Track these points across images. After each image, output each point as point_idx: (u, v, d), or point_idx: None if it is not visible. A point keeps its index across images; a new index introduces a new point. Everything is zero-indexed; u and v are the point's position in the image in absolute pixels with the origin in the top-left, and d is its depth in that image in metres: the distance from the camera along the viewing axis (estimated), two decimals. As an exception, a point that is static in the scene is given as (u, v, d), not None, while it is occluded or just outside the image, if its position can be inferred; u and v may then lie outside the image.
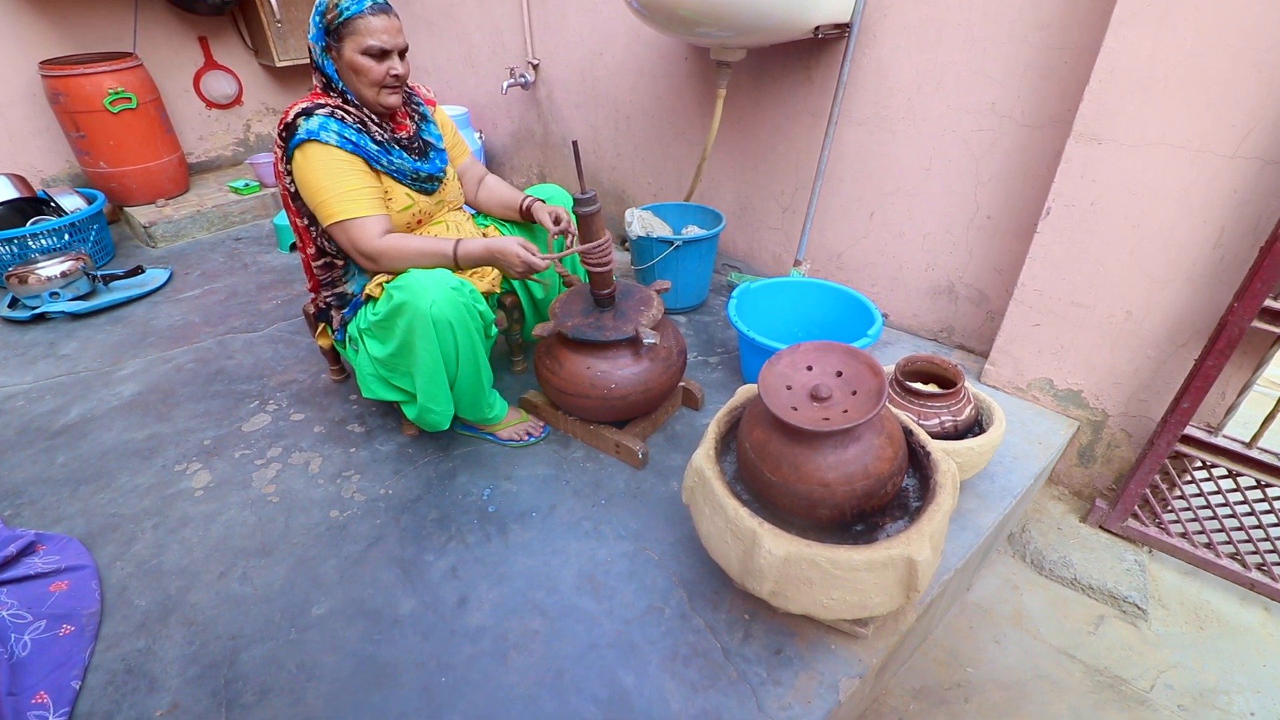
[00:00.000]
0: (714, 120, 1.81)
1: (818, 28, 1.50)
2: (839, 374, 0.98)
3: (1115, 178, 1.29)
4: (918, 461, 1.07)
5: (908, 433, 1.08)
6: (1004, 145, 1.50)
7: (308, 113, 1.21)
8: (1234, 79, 1.13)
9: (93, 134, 2.55)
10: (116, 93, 2.50)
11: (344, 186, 1.22)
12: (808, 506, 0.94)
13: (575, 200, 1.29)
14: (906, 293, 1.83)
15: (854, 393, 0.95)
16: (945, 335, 1.82)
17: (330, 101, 1.25)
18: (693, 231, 2.01)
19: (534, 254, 1.30)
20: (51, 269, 2.11)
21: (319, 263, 1.37)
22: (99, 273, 2.24)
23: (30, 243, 2.26)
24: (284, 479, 1.42)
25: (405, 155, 1.33)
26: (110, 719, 1.00)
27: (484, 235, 1.54)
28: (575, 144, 1.24)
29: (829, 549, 0.89)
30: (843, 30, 1.57)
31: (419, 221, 1.40)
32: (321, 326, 1.52)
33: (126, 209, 2.75)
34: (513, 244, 1.29)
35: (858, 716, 1.21)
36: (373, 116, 1.29)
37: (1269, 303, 1.17)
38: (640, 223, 1.92)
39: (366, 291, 1.33)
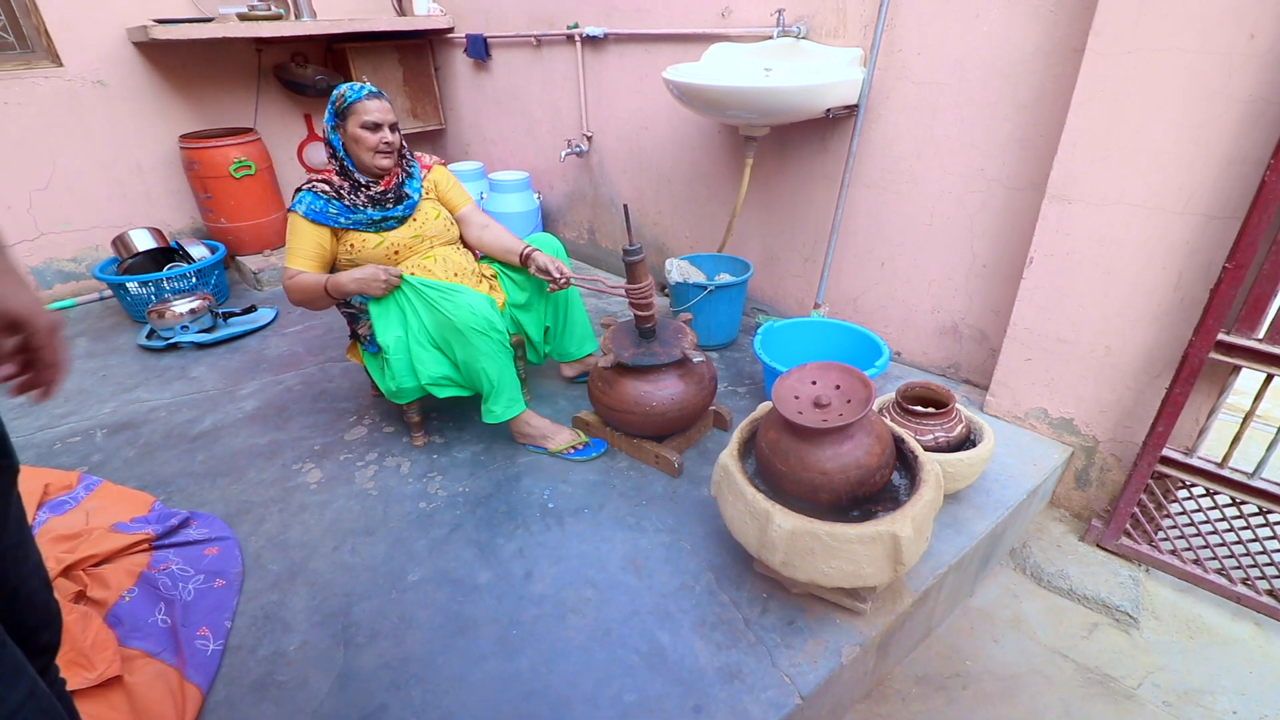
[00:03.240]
0: (743, 184, 2.11)
1: (829, 110, 1.80)
2: (837, 387, 1.22)
3: (1085, 231, 1.51)
4: (908, 465, 1.28)
5: (899, 440, 1.30)
6: (993, 205, 1.74)
7: (299, 190, 1.62)
8: (1176, 148, 1.35)
9: (217, 195, 3.03)
10: (240, 161, 2.99)
11: (293, 244, 1.63)
12: (811, 491, 1.16)
13: (624, 251, 1.58)
14: (916, 333, 2.05)
15: (849, 401, 1.18)
16: (952, 371, 2.02)
17: (319, 176, 1.64)
18: (725, 278, 2.28)
19: (391, 274, 1.61)
20: (183, 306, 2.52)
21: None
22: (220, 310, 2.65)
23: (165, 285, 2.69)
24: (380, 477, 1.71)
25: (370, 210, 1.67)
26: (255, 651, 1.26)
27: (482, 270, 1.87)
28: (626, 207, 1.56)
29: (828, 525, 1.11)
30: (852, 110, 1.86)
31: (396, 253, 1.72)
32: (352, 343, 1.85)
33: (238, 257, 3.21)
34: (371, 269, 1.62)
35: (865, 693, 1.38)
36: (345, 187, 1.65)
37: (1221, 336, 1.36)
38: (679, 270, 2.22)
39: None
